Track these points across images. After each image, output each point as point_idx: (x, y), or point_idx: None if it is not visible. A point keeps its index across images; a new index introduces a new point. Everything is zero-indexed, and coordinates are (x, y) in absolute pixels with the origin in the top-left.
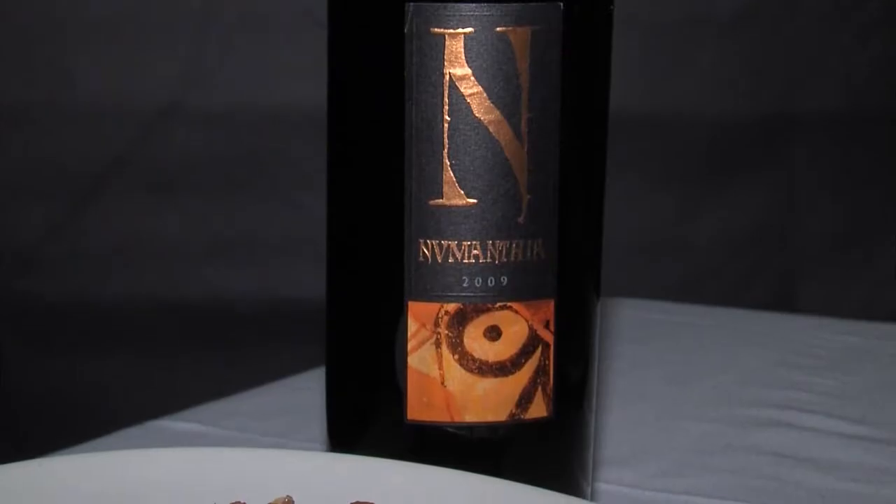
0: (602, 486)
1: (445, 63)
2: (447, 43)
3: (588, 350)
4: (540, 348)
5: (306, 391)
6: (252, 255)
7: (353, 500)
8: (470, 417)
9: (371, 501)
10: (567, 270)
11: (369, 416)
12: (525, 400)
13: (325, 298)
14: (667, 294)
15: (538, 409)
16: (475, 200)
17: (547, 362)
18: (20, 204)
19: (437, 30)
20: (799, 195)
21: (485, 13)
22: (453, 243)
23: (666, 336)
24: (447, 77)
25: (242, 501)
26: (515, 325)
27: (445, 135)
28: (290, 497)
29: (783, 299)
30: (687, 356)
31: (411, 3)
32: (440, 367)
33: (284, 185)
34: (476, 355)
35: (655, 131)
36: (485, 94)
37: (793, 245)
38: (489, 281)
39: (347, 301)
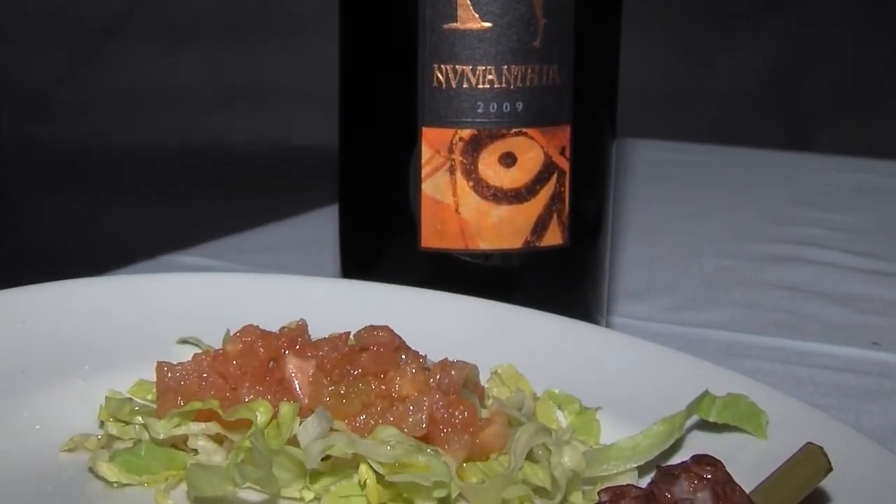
0: (617, 320)
1: None
2: None
3: (603, 178)
4: (555, 175)
5: (320, 227)
6: (263, 102)
7: (366, 325)
8: (484, 245)
9: (385, 325)
10: (583, 97)
11: (383, 245)
12: (540, 227)
13: (336, 144)
14: (683, 139)
15: (553, 236)
16: (490, 24)
17: (562, 189)
18: (31, 51)
19: None
20: (814, 38)
21: None
22: (468, 68)
23: (681, 175)
24: None
25: (255, 325)
26: (530, 151)
27: None
28: (304, 321)
29: (799, 142)
30: (702, 194)
31: None
32: (454, 194)
33: (296, 32)
34: (491, 182)
35: None
36: None
37: (808, 89)
38: (504, 106)
39: (361, 130)
